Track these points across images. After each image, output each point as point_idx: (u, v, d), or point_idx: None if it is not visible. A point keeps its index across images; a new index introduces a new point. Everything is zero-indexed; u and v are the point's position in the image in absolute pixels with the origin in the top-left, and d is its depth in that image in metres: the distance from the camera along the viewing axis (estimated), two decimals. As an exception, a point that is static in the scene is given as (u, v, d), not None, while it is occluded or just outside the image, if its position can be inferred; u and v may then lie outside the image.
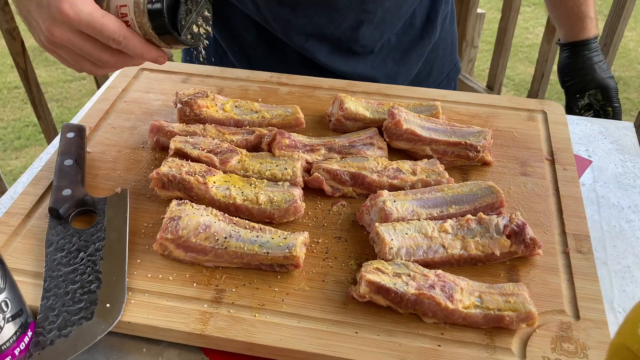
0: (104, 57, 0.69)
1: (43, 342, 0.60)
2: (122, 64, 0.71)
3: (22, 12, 0.70)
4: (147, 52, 0.69)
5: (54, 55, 0.71)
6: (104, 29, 0.65)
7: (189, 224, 0.68)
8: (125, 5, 0.67)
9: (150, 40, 0.69)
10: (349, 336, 0.62)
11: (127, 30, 0.67)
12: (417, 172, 0.78)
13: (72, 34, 0.66)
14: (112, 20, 0.65)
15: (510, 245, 0.68)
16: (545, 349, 0.61)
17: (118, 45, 0.67)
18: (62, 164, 0.78)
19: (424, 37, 1.08)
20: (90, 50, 0.67)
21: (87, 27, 0.64)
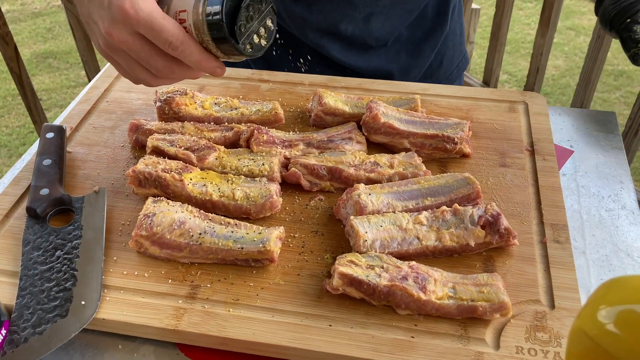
0: (160, 63, 0.65)
1: (17, 340, 0.60)
2: (178, 74, 0.67)
3: (83, 16, 0.68)
4: (204, 61, 0.65)
5: (110, 61, 0.69)
6: (162, 31, 0.61)
7: (164, 220, 0.68)
8: (184, 10, 0.63)
9: (208, 49, 0.64)
10: (322, 329, 0.62)
11: (186, 36, 0.62)
12: (394, 165, 0.78)
13: (130, 36, 0.63)
14: (172, 23, 0.62)
15: (485, 235, 0.68)
16: (519, 339, 0.60)
17: (174, 50, 0.63)
18: (41, 164, 0.78)
19: (436, 29, 1.07)
20: (145, 56, 0.64)
21: (145, 27, 0.61)
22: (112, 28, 0.62)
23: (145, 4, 0.61)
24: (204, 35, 0.62)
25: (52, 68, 3.32)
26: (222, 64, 0.66)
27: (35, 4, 3.96)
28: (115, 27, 0.62)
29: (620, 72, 3.08)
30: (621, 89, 2.97)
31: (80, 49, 2.00)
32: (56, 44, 3.52)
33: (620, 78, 3.05)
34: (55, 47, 3.49)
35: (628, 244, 0.74)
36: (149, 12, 0.61)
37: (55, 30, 3.66)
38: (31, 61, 3.34)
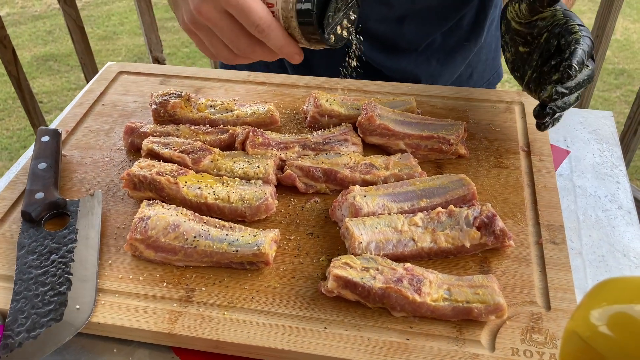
0: (242, 43, 0.66)
1: (11, 345, 0.60)
2: (258, 55, 0.68)
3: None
4: (286, 46, 0.66)
5: (192, 37, 0.70)
6: (251, 13, 0.62)
7: (158, 224, 0.68)
8: None
9: (292, 35, 0.66)
10: (317, 332, 0.62)
11: (273, 20, 0.64)
12: (390, 167, 0.78)
13: (218, 14, 0.64)
14: (261, 6, 0.63)
15: (480, 237, 0.68)
16: (514, 340, 0.60)
17: (260, 33, 0.64)
18: (36, 167, 0.78)
19: (470, 40, 1.06)
20: (230, 35, 0.65)
21: (235, 7, 0.62)
22: (201, 4, 0.63)
23: None
24: (291, 21, 0.64)
25: (52, 71, 3.32)
26: (301, 50, 0.67)
27: (35, 7, 3.96)
28: (205, 4, 0.63)
29: (621, 71, 3.08)
30: (621, 87, 2.97)
31: (79, 51, 2.00)
32: (56, 47, 3.52)
33: (621, 77, 3.04)
34: (55, 50, 3.49)
35: (624, 245, 0.74)
36: None
37: (55, 33, 3.66)
38: (32, 64, 3.34)
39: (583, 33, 0.72)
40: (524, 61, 0.80)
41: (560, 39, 0.73)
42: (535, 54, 0.78)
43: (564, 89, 0.71)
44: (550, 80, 0.72)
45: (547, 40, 0.76)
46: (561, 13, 0.75)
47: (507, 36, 0.82)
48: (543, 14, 0.76)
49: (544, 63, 0.77)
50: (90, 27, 3.63)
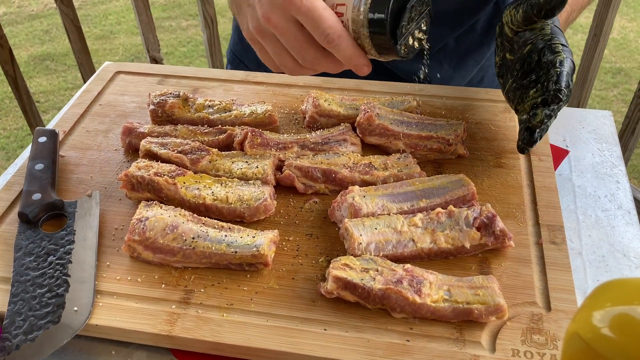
0: (310, 54, 0.64)
1: (9, 347, 0.60)
2: (324, 66, 0.66)
3: (237, 1, 0.68)
4: (355, 58, 0.63)
5: (255, 46, 0.68)
6: (322, 22, 0.60)
7: (156, 225, 0.68)
8: (343, 4, 0.62)
9: (361, 45, 0.63)
10: (317, 333, 0.61)
11: (343, 29, 0.62)
12: (388, 167, 0.78)
13: (287, 22, 0.62)
14: (332, 15, 0.61)
15: (480, 237, 0.67)
16: (515, 341, 0.60)
17: (329, 43, 0.62)
18: (33, 168, 0.78)
19: (484, 44, 1.06)
20: (298, 44, 0.63)
21: (305, 15, 0.60)
22: (270, 11, 0.62)
23: None
24: (362, 31, 0.62)
25: (49, 70, 3.31)
26: (370, 62, 0.65)
27: (32, 7, 3.95)
28: (274, 11, 0.62)
29: (618, 70, 3.08)
30: (619, 86, 2.97)
31: (75, 51, 2.00)
32: (53, 46, 3.51)
33: (618, 75, 3.05)
34: (52, 50, 3.48)
35: (624, 245, 0.74)
36: (312, 1, 0.60)
37: (52, 33, 3.65)
38: (28, 63, 3.33)
39: (566, 54, 0.71)
40: (508, 69, 0.79)
41: (542, 55, 0.72)
42: (517, 64, 0.77)
43: (551, 112, 0.70)
44: (533, 100, 0.72)
45: (529, 53, 0.75)
46: (549, 29, 0.74)
47: (499, 39, 0.81)
48: (534, 25, 0.75)
49: (523, 76, 0.76)
50: (87, 27, 3.62)
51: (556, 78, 0.69)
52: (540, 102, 0.70)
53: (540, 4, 0.71)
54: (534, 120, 0.70)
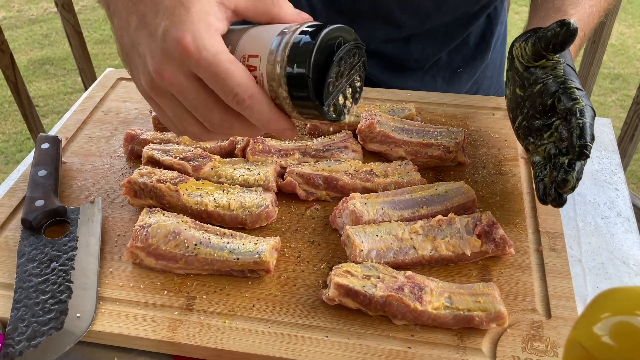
0: (216, 117, 0.52)
1: (12, 354, 0.60)
2: (236, 131, 0.55)
3: (124, 47, 0.55)
4: (274, 121, 0.52)
5: (152, 105, 0.56)
6: (228, 79, 0.49)
7: (159, 231, 0.68)
8: (256, 55, 0.50)
9: (280, 106, 0.52)
10: (319, 340, 0.62)
11: (256, 88, 0.50)
12: (389, 174, 0.78)
13: (185, 78, 0.50)
14: (241, 70, 0.50)
15: (481, 244, 0.68)
16: (515, 349, 0.60)
17: (240, 104, 0.50)
18: (36, 174, 0.78)
19: (477, 58, 1.05)
20: (200, 105, 0.52)
21: (207, 70, 0.49)
22: (163, 65, 0.50)
23: (211, 41, 0.49)
24: (279, 90, 0.50)
25: (49, 75, 3.32)
26: (293, 125, 0.54)
27: (31, 11, 3.96)
28: (168, 65, 0.50)
29: (616, 76, 3.10)
30: (617, 92, 2.98)
31: (76, 56, 2.00)
32: (53, 51, 3.52)
33: (616, 81, 3.06)
34: (52, 54, 3.49)
35: (624, 252, 0.74)
36: (215, 52, 0.49)
37: (51, 37, 3.66)
38: (28, 68, 3.34)
39: (584, 101, 0.65)
40: (518, 104, 0.75)
41: (557, 100, 0.67)
42: (527, 101, 0.72)
43: (581, 173, 0.64)
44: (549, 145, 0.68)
45: (541, 94, 0.69)
46: (562, 68, 0.69)
47: (509, 72, 0.77)
48: (545, 62, 0.70)
49: (535, 116, 0.71)
50: (86, 31, 3.62)
51: (579, 132, 0.62)
52: (568, 163, 0.64)
53: (548, 37, 0.67)
54: (565, 187, 0.63)
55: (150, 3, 0.51)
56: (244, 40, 0.52)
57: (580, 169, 0.64)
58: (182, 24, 0.49)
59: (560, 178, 0.64)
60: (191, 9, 0.49)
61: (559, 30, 0.65)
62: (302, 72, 0.48)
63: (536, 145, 0.70)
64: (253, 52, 0.51)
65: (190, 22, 0.49)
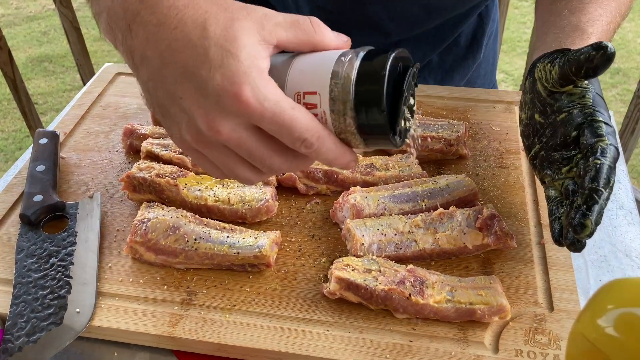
0: (276, 161, 0.50)
1: (11, 349, 0.60)
2: (295, 168, 0.52)
3: (158, 99, 0.49)
4: (340, 157, 0.50)
5: (196, 157, 0.52)
6: (294, 126, 0.46)
7: (158, 226, 0.68)
8: (314, 92, 0.47)
9: (345, 140, 0.49)
10: (320, 334, 0.61)
11: (322, 128, 0.48)
12: (390, 168, 0.78)
13: (245, 131, 0.47)
14: (304, 113, 0.47)
15: (482, 237, 0.67)
16: (518, 341, 0.60)
17: (308, 148, 0.48)
18: (34, 170, 0.78)
19: (468, 58, 1.03)
20: (261, 154, 0.49)
21: (271, 122, 0.46)
22: (220, 122, 0.46)
23: (269, 90, 0.46)
24: (346, 125, 0.47)
25: (47, 72, 3.31)
26: (356, 156, 0.52)
27: (30, 8, 3.95)
28: (226, 121, 0.46)
29: (617, 70, 3.09)
30: (617, 86, 2.98)
31: (75, 52, 2.00)
32: (51, 48, 3.51)
33: (617, 76, 3.05)
34: (50, 51, 3.48)
35: (626, 245, 0.74)
36: (276, 101, 0.46)
37: (50, 34, 3.65)
38: (26, 65, 3.33)
39: (610, 140, 0.59)
40: (536, 132, 0.68)
41: (582, 134, 0.61)
42: (548, 130, 0.65)
43: (597, 214, 0.56)
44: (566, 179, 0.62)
45: (564, 124, 0.63)
46: (590, 98, 0.63)
47: (529, 95, 0.69)
48: (572, 89, 0.64)
49: (555, 147, 0.64)
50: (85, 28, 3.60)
51: (594, 173, 0.57)
52: (584, 203, 0.57)
53: (581, 61, 0.60)
54: (583, 233, 0.56)
55: (191, 53, 0.46)
56: (292, 75, 0.49)
57: (600, 212, 0.56)
58: (236, 75, 0.45)
59: (577, 222, 0.56)
60: (240, 56, 0.45)
61: (594, 54, 0.58)
62: (375, 107, 0.46)
63: (553, 179, 0.64)
64: (310, 89, 0.48)
65: (243, 72, 0.45)
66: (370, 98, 0.46)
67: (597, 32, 0.69)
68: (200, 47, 0.45)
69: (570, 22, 0.70)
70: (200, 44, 0.45)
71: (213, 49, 0.45)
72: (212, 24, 0.46)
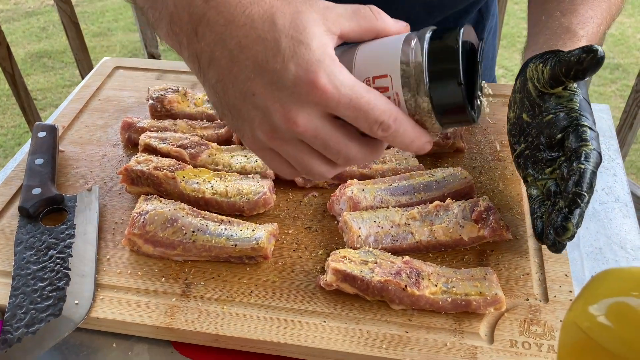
0: (352, 150, 0.49)
1: (10, 340, 0.60)
2: (368, 158, 0.51)
3: (229, 99, 0.49)
4: (417, 139, 0.49)
5: (268, 157, 0.52)
6: (371, 109, 0.46)
7: (156, 218, 0.68)
8: (385, 75, 0.47)
9: (419, 121, 0.49)
10: (317, 325, 0.62)
11: (398, 111, 0.47)
12: (387, 161, 0.78)
13: (321, 120, 0.47)
14: (379, 96, 0.46)
15: (478, 230, 0.68)
16: (513, 332, 0.60)
17: (386, 131, 0.47)
18: (33, 163, 0.78)
19: None
20: (336, 143, 0.48)
21: (348, 107, 0.45)
22: (297, 112, 0.46)
23: (344, 76, 0.45)
24: (421, 105, 0.47)
25: (46, 67, 3.31)
26: (431, 137, 0.51)
27: (28, 4, 3.94)
28: (301, 111, 0.46)
29: (616, 66, 3.09)
30: (617, 82, 2.98)
31: (74, 48, 2.00)
32: (50, 44, 3.51)
33: (616, 71, 3.05)
34: (49, 47, 3.48)
35: (621, 237, 0.74)
36: (352, 86, 0.45)
37: (49, 30, 3.64)
38: (25, 61, 3.33)
39: (593, 145, 0.61)
40: (522, 131, 0.69)
41: (567, 137, 0.63)
42: (534, 130, 0.67)
43: (579, 217, 0.58)
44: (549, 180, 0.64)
45: (550, 126, 0.64)
46: (577, 103, 0.64)
47: (518, 94, 0.70)
48: (561, 91, 0.65)
49: (539, 147, 0.66)
50: (84, 24, 3.61)
51: (578, 177, 0.59)
52: (567, 207, 0.59)
53: (571, 63, 0.61)
54: (564, 236, 0.59)
55: (262, 47, 0.45)
56: (359, 62, 0.48)
57: (581, 215, 0.58)
58: (310, 64, 0.44)
59: (559, 224, 0.58)
60: (311, 45, 0.45)
61: (584, 56, 0.60)
62: (452, 81, 0.45)
63: (536, 178, 0.66)
64: (379, 72, 0.47)
65: (317, 60, 0.45)
66: (446, 73, 0.45)
67: (588, 35, 0.70)
68: (270, 40, 0.45)
69: (561, 23, 0.71)
70: (270, 37, 0.45)
71: (284, 40, 0.45)
72: (279, 17, 0.45)
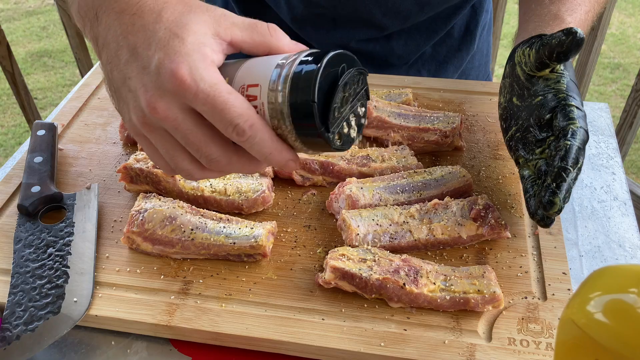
0: (214, 151, 0.50)
1: (9, 338, 0.60)
2: (235, 166, 0.52)
3: (114, 82, 0.52)
4: (276, 153, 0.49)
5: (144, 144, 0.54)
6: (228, 109, 0.46)
7: (155, 216, 0.68)
8: (256, 84, 0.48)
9: (282, 136, 0.49)
10: (315, 323, 0.62)
11: (258, 118, 0.48)
12: (386, 159, 0.78)
13: (180, 111, 0.48)
14: (241, 100, 0.47)
15: (477, 228, 0.68)
16: (511, 330, 0.61)
17: (240, 136, 0.47)
18: (32, 161, 0.78)
19: (462, 49, 1.03)
20: (196, 140, 0.49)
21: (205, 102, 0.46)
22: (157, 99, 0.47)
23: (208, 72, 0.47)
24: (282, 118, 0.47)
25: (47, 67, 3.31)
26: (296, 156, 0.51)
27: (29, 3, 3.94)
28: (162, 99, 0.47)
29: (617, 65, 3.09)
30: (617, 81, 2.97)
31: (74, 46, 2.00)
32: (51, 43, 3.51)
33: (617, 71, 3.05)
34: (50, 46, 3.48)
35: (620, 235, 0.74)
36: (213, 83, 0.46)
37: (49, 29, 3.64)
38: (26, 60, 3.33)
39: (580, 123, 0.63)
40: (513, 115, 0.71)
41: (555, 117, 0.65)
42: (524, 112, 0.69)
43: (565, 192, 0.60)
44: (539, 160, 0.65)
45: (539, 107, 0.66)
46: (564, 85, 0.66)
47: (507, 79, 0.73)
48: (548, 74, 0.67)
49: (529, 129, 0.68)
50: (84, 23, 3.60)
51: (564, 153, 0.61)
52: (555, 185, 0.60)
53: (553, 45, 0.63)
54: (551, 210, 0.60)
55: (142, 35, 0.48)
56: (241, 71, 0.50)
57: (568, 190, 0.60)
58: (177, 55, 0.46)
59: (547, 200, 0.60)
60: (186, 40, 0.47)
61: (564, 39, 0.62)
62: (306, 97, 0.45)
63: (527, 159, 0.67)
64: (252, 81, 0.48)
65: (185, 53, 0.47)
66: (303, 92, 0.46)
67: (575, 21, 0.72)
68: (151, 30, 0.48)
69: (550, 10, 0.74)
70: (152, 28, 0.48)
71: (162, 31, 0.48)
72: (167, 12, 0.49)
